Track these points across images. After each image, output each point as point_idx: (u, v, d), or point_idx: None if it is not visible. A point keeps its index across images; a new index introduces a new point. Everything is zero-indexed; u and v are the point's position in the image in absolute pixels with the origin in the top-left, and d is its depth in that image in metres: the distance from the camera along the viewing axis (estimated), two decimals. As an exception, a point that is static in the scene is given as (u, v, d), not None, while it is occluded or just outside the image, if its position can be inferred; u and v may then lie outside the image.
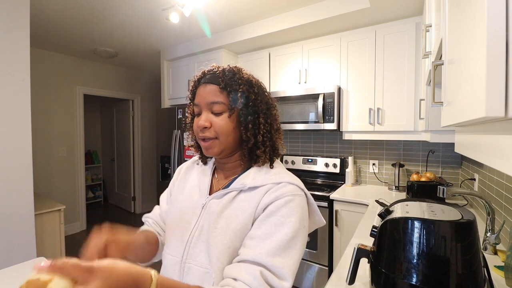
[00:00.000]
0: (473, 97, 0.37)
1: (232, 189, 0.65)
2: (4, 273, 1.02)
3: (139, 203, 4.38)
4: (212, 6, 2.17)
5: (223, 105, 0.64)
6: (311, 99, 2.26)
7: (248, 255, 0.55)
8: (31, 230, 1.81)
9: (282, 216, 0.58)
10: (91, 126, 4.87)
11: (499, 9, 0.29)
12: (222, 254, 0.59)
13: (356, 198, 1.96)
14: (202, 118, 0.65)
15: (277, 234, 0.56)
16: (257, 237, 0.57)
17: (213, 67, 0.69)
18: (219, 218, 0.63)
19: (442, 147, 2.12)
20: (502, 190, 1.20)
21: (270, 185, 0.63)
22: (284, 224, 0.57)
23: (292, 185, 0.63)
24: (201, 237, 0.63)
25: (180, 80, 3.10)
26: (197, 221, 0.66)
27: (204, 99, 0.65)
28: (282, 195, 0.60)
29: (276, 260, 0.54)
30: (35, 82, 2.66)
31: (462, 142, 0.70)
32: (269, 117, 0.69)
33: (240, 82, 0.65)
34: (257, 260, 0.54)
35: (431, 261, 0.61)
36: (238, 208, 0.62)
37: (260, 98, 0.68)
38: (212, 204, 0.65)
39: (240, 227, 0.60)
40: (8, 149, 1.69)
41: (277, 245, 0.55)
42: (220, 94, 0.64)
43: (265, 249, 0.55)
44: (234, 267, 0.55)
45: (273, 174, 0.66)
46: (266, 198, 0.61)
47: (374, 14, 2.01)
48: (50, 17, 2.37)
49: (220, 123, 0.64)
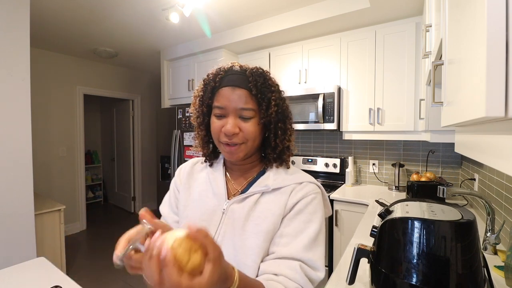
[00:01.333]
0: (473, 97, 0.37)
1: (254, 191, 0.65)
2: (4, 273, 1.02)
3: (139, 203, 4.38)
4: (212, 6, 2.17)
5: (253, 111, 0.63)
6: (311, 99, 2.26)
7: (284, 252, 0.58)
8: (31, 230, 1.81)
9: (310, 213, 0.62)
10: (91, 126, 4.86)
11: (499, 9, 0.29)
12: (258, 256, 0.60)
13: (356, 198, 1.96)
14: (230, 123, 0.62)
15: (307, 230, 0.60)
16: (288, 234, 0.60)
17: (233, 65, 0.67)
18: (247, 222, 0.62)
19: (442, 147, 2.12)
20: (502, 190, 1.20)
21: (293, 185, 0.65)
22: (312, 220, 0.62)
23: (313, 184, 0.67)
24: (223, 243, 0.63)
25: (180, 80, 3.10)
26: (218, 227, 0.65)
27: (233, 103, 0.62)
28: (307, 194, 0.64)
29: (310, 254, 0.59)
30: (35, 82, 2.65)
31: (462, 142, 0.70)
32: (290, 121, 0.70)
33: (271, 89, 0.65)
34: (294, 256, 0.58)
35: (431, 261, 0.61)
36: (266, 209, 0.63)
37: (286, 104, 0.69)
38: (235, 208, 0.65)
39: (273, 227, 0.61)
40: (8, 149, 1.69)
41: (308, 240, 0.59)
42: (250, 100, 0.63)
43: (298, 245, 0.59)
44: (272, 264, 0.58)
45: (292, 174, 0.68)
46: (292, 197, 0.63)
47: (374, 14, 2.01)
48: (50, 17, 2.37)
49: (250, 129, 0.63)
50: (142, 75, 4.38)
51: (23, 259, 1.70)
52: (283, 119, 0.67)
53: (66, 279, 0.99)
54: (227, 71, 0.66)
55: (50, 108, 3.34)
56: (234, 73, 0.65)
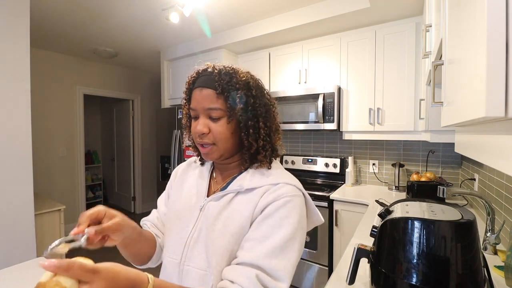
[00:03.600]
0: (473, 97, 0.37)
1: (229, 191, 0.65)
2: (4, 273, 1.02)
3: (139, 203, 4.38)
4: (212, 6, 2.17)
5: (220, 110, 0.62)
6: (311, 99, 2.26)
7: (245, 258, 0.55)
8: (31, 230, 1.81)
9: (280, 218, 0.58)
10: (91, 126, 4.86)
11: (499, 9, 0.29)
12: (222, 257, 0.59)
13: (356, 198, 1.96)
14: (199, 124, 0.63)
15: (274, 236, 0.56)
16: (254, 239, 0.57)
17: (207, 66, 0.66)
18: (217, 220, 0.62)
19: (442, 147, 2.12)
20: (502, 190, 1.20)
21: (267, 186, 0.62)
22: (282, 225, 0.57)
23: (290, 186, 0.62)
24: (199, 239, 0.63)
25: (180, 80, 3.10)
26: (195, 224, 0.65)
27: (201, 104, 0.63)
28: (280, 196, 0.59)
29: (272, 262, 0.54)
30: (35, 82, 2.65)
31: (462, 142, 0.70)
32: (268, 120, 0.67)
33: (238, 86, 0.62)
34: (254, 262, 0.54)
35: (431, 261, 0.61)
36: (236, 210, 0.62)
37: (259, 101, 0.65)
38: (210, 206, 0.65)
39: (238, 229, 0.60)
40: (8, 149, 1.69)
41: (274, 247, 0.55)
42: (217, 100, 0.62)
43: (262, 251, 0.55)
44: (231, 270, 0.55)
45: (271, 174, 0.65)
46: (264, 199, 0.60)
47: (374, 14, 2.01)
48: (50, 17, 2.37)
49: (219, 130, 0.62)
50: (142, 75, 4.38)
51: (23, 259, 1.71)
52: (255, 117, 0.64)
53: (66, 279, 0.98)
54: (200, 72, 0.66)
55: (50, 108, 3.34)
56: (204, 74, 0.65)
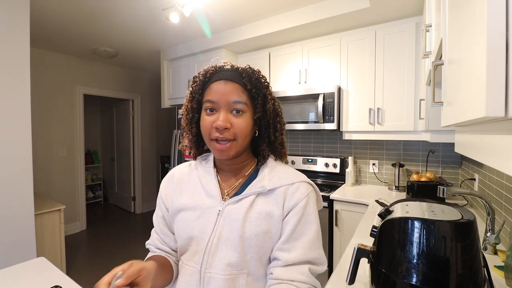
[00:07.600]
0: (473, 97, 0.37)
1: (250, 193, 0.64)
2: (4, 273, 1.02)
3: (139, 203, 4.38)
4: (212, 6, 2.17)
5: (245, 105, 0.62)
6: (311, 99, 2.26)
7: (292, 258, 0.61)
8: (31, 230, 1.81)
9: (308, 215, 0.64)
10: (91, 126, 4.87)
11: (499, 9, 0.29)
12: (257, 255, 0.62)
13: (356, 198, 1.96)
14: (220, 118, 0.60)
15: (308, 232, 0.63)
16: (293, 239, 0.62)
17: (226, 64, 0.67)
18: (245, 223, 0.61)
19: (442, 147, 2.12)
20: (502, 190, 1.20)
21: (286, 186, 0.65)
22: (312, 221, 0.64)
23: (305, 183, 0.67)
24: (220, 244, 0.62)
25: (180, 80, 3.10)
26: (213, 229, 0.63)
27: (225, 96, 0.60)
28: (302, 197, 0.64)
29: (314, 253, 0.62)
30: (35, 82, 2.65)
31: (462, 142, 0.70)
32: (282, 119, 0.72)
33: (265, 85, 0.67)
34: (302, 259, 0.61)
35: (431, 261, 0.61)
36: (264, 210, 0.63)
37: (276, 101, 0.70)
38: (231, 209, 0.63)
39: (272, 227, 0.63)
40: (8, 149, 1.69)
41: (311, 240, 0.63)
42: (242, 94, 0.62)
43: (303, 247, 0.62)
44: (285, 271, 0.60)
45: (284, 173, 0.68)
46: (288, 200, 0.64)
47: (374, 14, 2.01)
48: (50, 17, 2.37)
49: (242, 125, 0.62)
50: (142, 75, 4.38)
51: (23, 259, 1.71)
52: (276, 116, 0.69)
53: (66, 279, 0.99)
54: (218, 68, 0.66)
55: (50, 108, 3.34)
56: (226, 70, 0.65)
